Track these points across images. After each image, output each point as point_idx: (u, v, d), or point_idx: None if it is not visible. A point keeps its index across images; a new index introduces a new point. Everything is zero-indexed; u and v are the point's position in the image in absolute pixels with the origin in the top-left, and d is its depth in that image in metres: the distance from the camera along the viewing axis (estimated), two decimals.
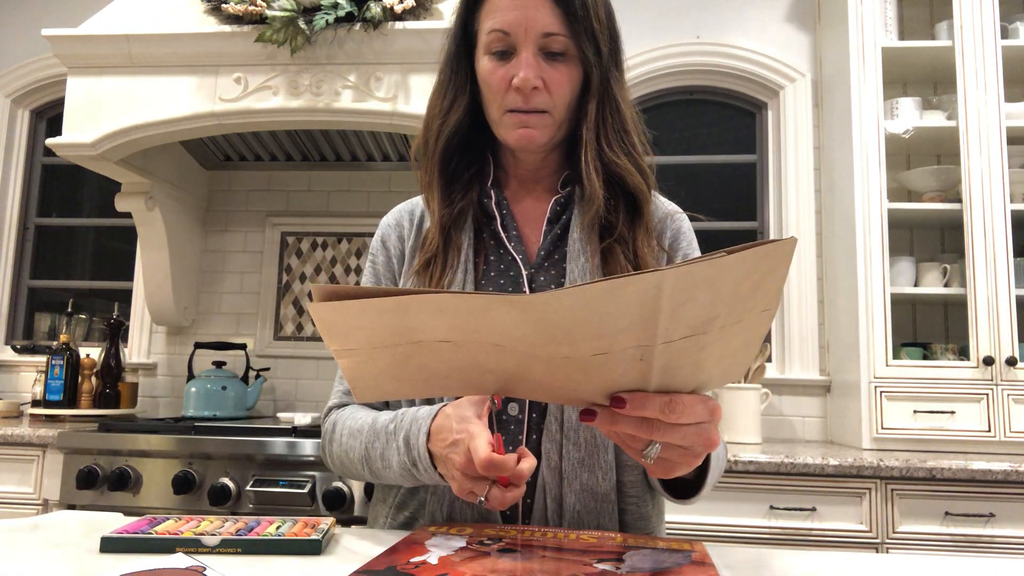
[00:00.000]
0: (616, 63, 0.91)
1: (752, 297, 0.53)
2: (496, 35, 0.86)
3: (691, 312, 0.51)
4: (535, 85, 0.85)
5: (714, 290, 0.50)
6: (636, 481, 0.87)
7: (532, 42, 0.85)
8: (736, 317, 0.53)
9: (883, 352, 2.05)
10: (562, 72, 0.86)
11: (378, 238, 1.01)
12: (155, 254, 2.46)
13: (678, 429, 0.59)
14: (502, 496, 0.69)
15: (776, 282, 0.53)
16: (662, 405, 0.57)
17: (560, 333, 0.53)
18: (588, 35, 0.85)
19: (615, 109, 0.89)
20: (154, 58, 2.05)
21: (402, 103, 1.98)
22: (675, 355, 0.54)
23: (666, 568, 0.63)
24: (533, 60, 0.84)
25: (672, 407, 0.57)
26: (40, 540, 0.73)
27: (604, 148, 0.88)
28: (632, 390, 0.58)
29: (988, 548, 1.70)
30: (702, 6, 2.65)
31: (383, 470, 0.84)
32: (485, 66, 0.88)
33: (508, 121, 0.88)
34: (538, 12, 0.84)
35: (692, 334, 0.53)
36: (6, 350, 2.74)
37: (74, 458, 1.83)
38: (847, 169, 2.20)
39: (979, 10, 2.15)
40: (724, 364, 0.59)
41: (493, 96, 0.88)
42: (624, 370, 0.55)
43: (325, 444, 0.96)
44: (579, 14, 0.84)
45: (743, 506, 1.78)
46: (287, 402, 2.59)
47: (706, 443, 0.61)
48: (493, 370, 0.59)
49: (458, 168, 0.94)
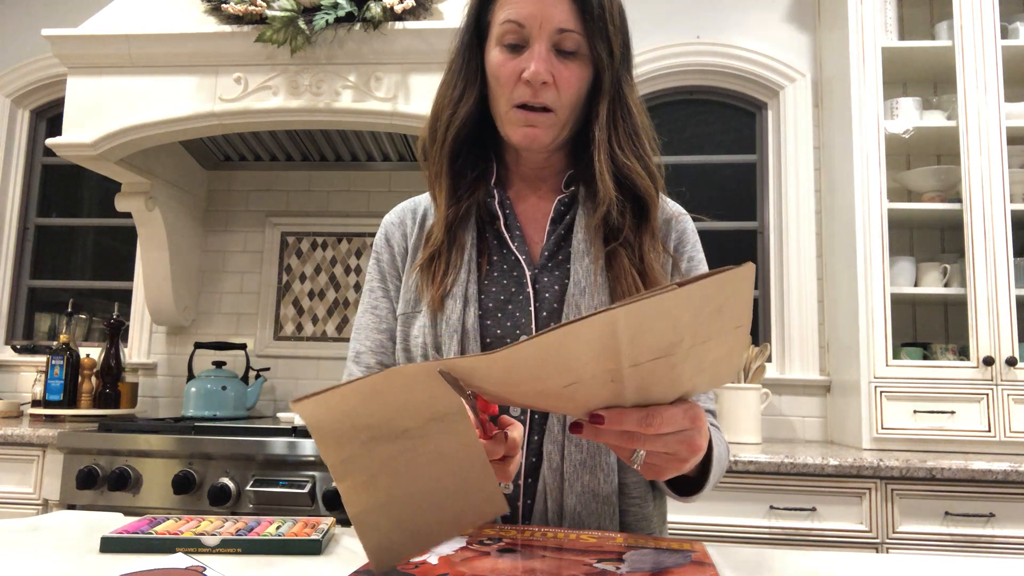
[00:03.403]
0: (627, 67, 0.90)
1: (717, 319, 0.53)
2: (510, 26, 0.85)
3: (651, 340, 0.52)
4: (545, 80, 0.84)
5: (671, 319, 0.51)
6: (639, 482, 0.87)
7: (546, 36, 0.84)
8: (703, 337, 0.54)
9: (883, 352, 2.05)
10: (572, 71, 0.86)
11: (381, 236, 1.01)
12: (155, 254, 2.46)
13: (660, 439, 0.59)
14: (503, 469, 0.67)
15: (741, 304, 0.53)
16: (639, 419, 0.58)
17: (528, 377, 0.54)
18: (602, 35, 0.85)
19: (627, 111, 0.89)
20: (154, 58, 2.05)
21: (402, 103, 1.98)
22: (646, 375, 0.55)
23: (666, 568, 0.63)
24: (546, 54, 0.84)
25: (650, 420, 0.58)
26: (40, 540, 0.73)
27: (615, 150, 0.88)
28: (610, 406, 0.58)
29: (988, 548, 1.70)
30: (702, 6, 2.65)
31: None
32: (496, 58, 0.87)
33: (514, 118, 0.87)
34: (555, 8, 0.83)
35: (658, 357, 0.53)
36: (6, 350, 2.74)
37: (74, 458, 1.83)
38: (847, 169, 2.20)
39: (979, 10, 2.15)
40: (706, 374, 0.59)
41: (501, 89, 0.87)
42: (598, 391, 0.56)
43: None
44: (595, 13, 0.84)
45: (743, 506, 1.78)
46: (287, 402, 2.59)
47: (689, 449, 0.62)
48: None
49: (464, 166, 0.93)
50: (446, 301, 0.88)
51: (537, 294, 0.88)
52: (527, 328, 0.87)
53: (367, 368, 0.96)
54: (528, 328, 0.87)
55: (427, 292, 0.89)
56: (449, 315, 0.87)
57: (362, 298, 1.00)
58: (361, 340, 0.97)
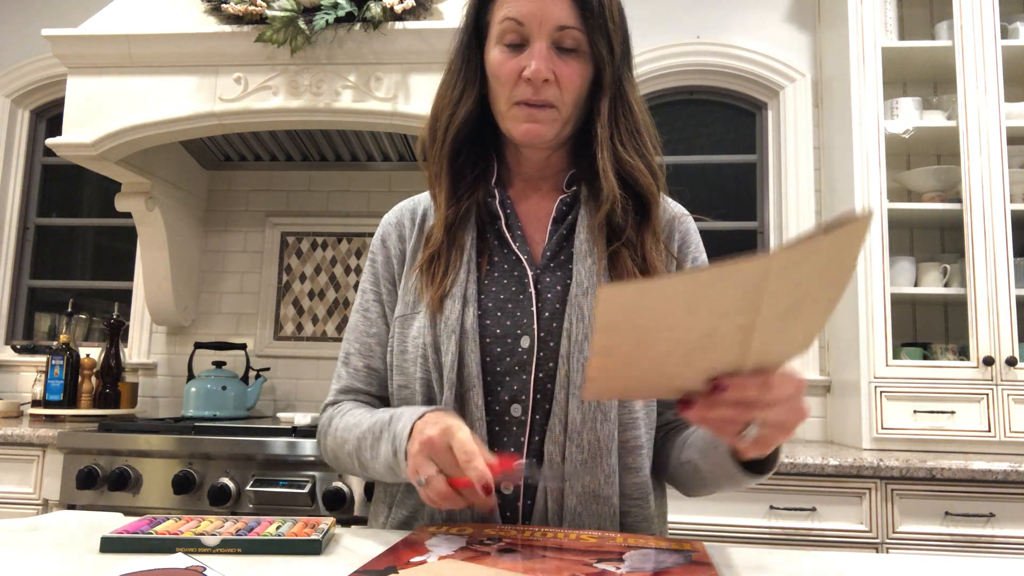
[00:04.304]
0: (628, 64, 0.90)
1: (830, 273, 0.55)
2: (510, 24, 0.85)
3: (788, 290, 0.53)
4: (546, 77, 0.84)
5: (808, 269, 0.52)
6: (640, 484, 0.87)
7: (546, 34, 0.84)
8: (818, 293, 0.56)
9: (883, 352, 2.05)
10: (573, 68, 0.86)
11: (378, 237, 1.01)
12: (155, 254, 2.46)
13: (774, 406, 0.61)
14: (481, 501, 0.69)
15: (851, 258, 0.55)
16: (760, 384, 0.59)
17: (677, 312, 0.55)
18: (602, 32, 0.85)
19: (628, 109, 0.89)
20: (154, 58, 2.05)
21: (402, 103, 1.98)
22: (773, 332, 0.57)
23: (666, 568, 0.63)
24: (546, 52, 0.84)
25: (769, 386, 0.59)
26: (40, 540, 0.73)
27: (618, 147, 0.87)
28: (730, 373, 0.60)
29: (988, 548, 1.70)
30: (702, 6, 2.65)
31: (371, 461, 0.84)
32: (496, 56, 0.87)
33: (516, 114, 0.87)
34: (554, 5, 0.84)
35: (787, 312, 0.55)
36: (6, 350, 2.74)
37: (74, 458, 1.83)
38: (847, 169, 2.20)
39: (979, 10, 2.15)
40: (806, 333, 0.61)
41: (502, 88, 0.87)
42: (726, 349, 0.58)
43: (320, 438, 0.97)
44: (595, 10, 0.84)
45: (743, 506, 1.78)
46: (287, 402, 2.59)
47: (797, 415, 0.63)
48: None
49: (464, 165, 0.93)
50: (445, 302, 0.87)
51: (539, 294, 0.88)
52: (528, 328, 0.86)
53: (355, 370, 0.97)
54: (529, 329, 0.86)
55: (426, 293, 0.89)
56: (448, 315, 0.87)
57: (356, 298, 1.01)
58: (351, 342, 0.98)
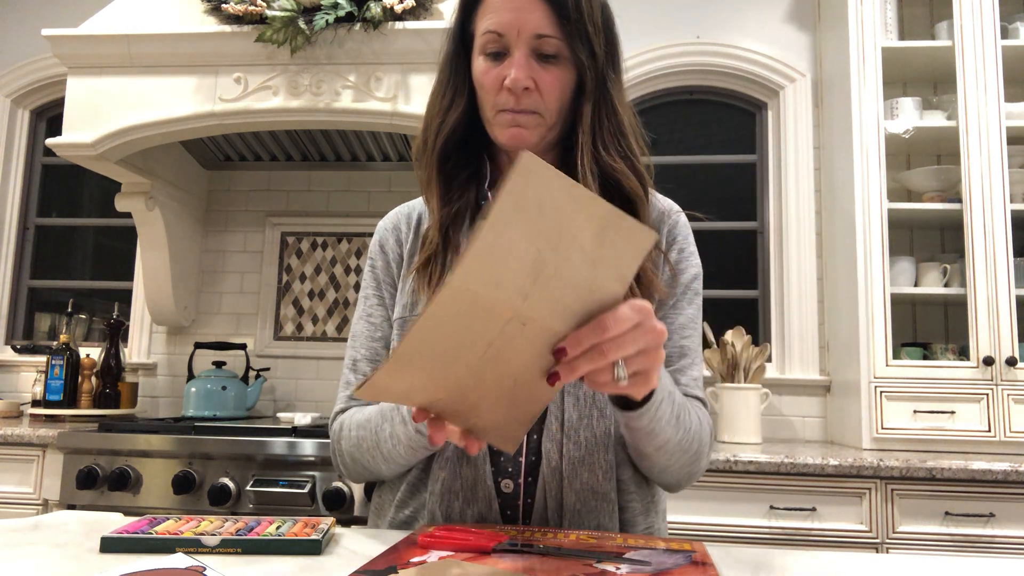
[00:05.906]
0: (613, 66, 0.90)
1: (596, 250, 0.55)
2: (490, 36, 0.86)
3: (507, 275, 0.53)
4: (526, 86, 0.85)
5: (507, 246, 0.52)
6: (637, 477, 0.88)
7: (525, 43, 0.85)
8: (557, 237, 0.54)
9: (883, 352, 2.05)
10: (554, 74, 0.86)
11: (376, 243, 1.02)
12: (155, 254, 2.46)
13: (624, 340, 0.60)
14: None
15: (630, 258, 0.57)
16: (592, 328, 0.59)
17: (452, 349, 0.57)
18: (582, 38, 0.85)
19: (611, 112, 0.89)
20: (154, 58, 2.05)
21: (402, 103, 1.98)
22: (547, 299, 0.56)
23: (666, 568, 0.63)
24: (525, 61, 0.85)
25: (604, 327, 0.59)
26: (40, 540, 0.73)
27: (600, 151, 0.88)
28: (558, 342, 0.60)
29: (988, 548, 1.70)
30: (702, 6, 2.65)
31: (393, 449, 0.85)
32: (480, 66, 0.88)
33: (500, 120, 0.88)
34: (531, 14, 0.84)
35: (535, 278, 0.54)
36: (6, 350, 2.74)
37: (74, 458, 1.83)
38: (847, 169, 2.20)
39: (979, 10, 2.15)
40: (597, 274, 0.58)
41: (486, 96, 0.89)
42: (521, 343, 0.58)
43: (334, 445, 0.97)
44: (572, 16, 0.84)
45: (743, 506, 1.78)
46: (287, 402, 2.59)
47: (654, 336, 0.63)
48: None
49: (456, 168, 0.94)
50: None
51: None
52: None
53: (363, 376, 0.97)
54: None
55: (423, 295, 0.90)
56: None
57: (358, 305, 1.02)
58: (357, 348, 0.99)
